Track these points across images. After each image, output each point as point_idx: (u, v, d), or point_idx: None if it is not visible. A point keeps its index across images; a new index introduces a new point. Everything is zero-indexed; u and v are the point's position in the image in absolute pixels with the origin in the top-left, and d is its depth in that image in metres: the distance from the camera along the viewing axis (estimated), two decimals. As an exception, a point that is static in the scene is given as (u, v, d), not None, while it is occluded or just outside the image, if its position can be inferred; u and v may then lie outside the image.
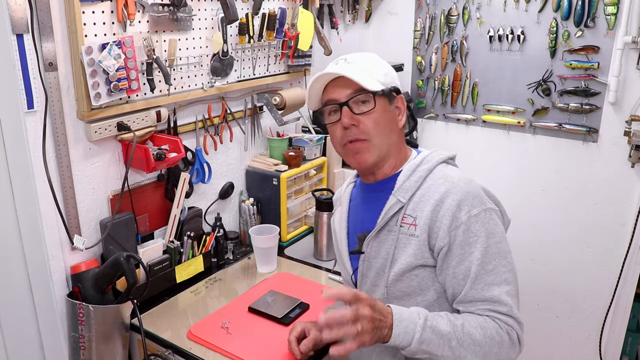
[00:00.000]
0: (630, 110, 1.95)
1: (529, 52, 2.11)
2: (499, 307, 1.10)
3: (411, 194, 1.18)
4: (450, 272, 1.14)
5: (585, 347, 2.27)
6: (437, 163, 1.21)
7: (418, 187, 1.18)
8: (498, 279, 1.11)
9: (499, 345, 1.09)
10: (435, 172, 1.19)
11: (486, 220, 1.13)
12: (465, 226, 1.11)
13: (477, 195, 1.15)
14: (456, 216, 1.12)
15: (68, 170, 1.48)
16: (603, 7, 1.91)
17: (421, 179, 1.19)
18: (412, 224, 1.16)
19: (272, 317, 1.56)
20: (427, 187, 1.17)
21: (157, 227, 1.79)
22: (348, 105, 1.18)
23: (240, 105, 2.03)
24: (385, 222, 1.20)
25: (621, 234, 2.07)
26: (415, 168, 1.21)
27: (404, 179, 1.20)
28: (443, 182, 1.16)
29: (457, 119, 2.35)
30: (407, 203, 1.18)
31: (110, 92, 1.47)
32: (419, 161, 1.22)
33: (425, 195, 1.17)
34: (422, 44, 2.37)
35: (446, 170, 1.20)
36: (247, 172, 2.11)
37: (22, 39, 1.31)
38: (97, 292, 1.46)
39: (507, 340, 1.10)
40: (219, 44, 1.79)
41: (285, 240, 2.08)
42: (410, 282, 1.18)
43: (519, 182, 2.27)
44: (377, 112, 1.18)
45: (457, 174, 1.19)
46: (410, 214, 1.17)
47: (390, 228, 1.20)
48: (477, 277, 1.11)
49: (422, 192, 1.18)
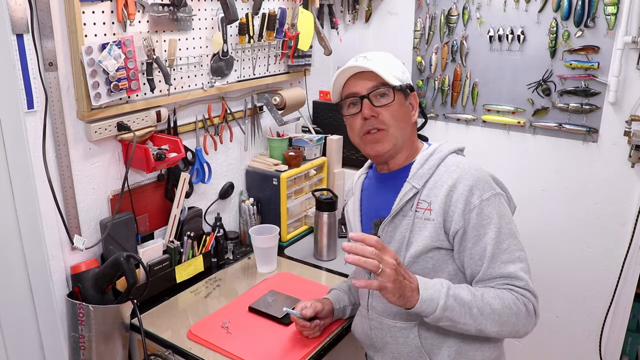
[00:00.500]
0: (630, 110, 1.95)
1: (529, 52, 2.10)
2: (516, 282, 1.18)
3: (425, 180, 1.26)
4: (467, 253, 1.21)
5: (585, 347, 2.27)
6: (449, 153, 1.30)
7: (431, 174, 1.26)
8: (512, 257, 1.19)
9: (516, 315, 1.16)
10: (447, 161, 1.28)
11: (497, 204, 1.21)
12: (479, 209, 1.19)
13: (487, 181, 1.23)
14: (469, 200, 1.20)
15: (68, 170, 1.48)
16: (603, 7, 1.91)
17: (434, 166, 1.27)
18: (427, 208, 1.24)
19: (272, 317, 1.56)
20: (440, 174, 1.25)
21: (157, 227, 1.79)
22: (369, 98, 1.26)
23: (240, 105, 2.03)
24: (401, 208, 1.27)
25: (621, 234, 2.07)
26: (428, 157, 1.29)
27: (418, 167, 1.28)
28: (455, 169, 1.24)
29: (457, 119, 2.35)
30: (421, 189, 1.26)
31: (110, 92, 1.47)
32: (431, 151, 1.31)
33: (438, 182, 1.24)
34: (422, 44, 2.37)
35: (457, 159, 1.29)
36: (247, 172, 2.11)
37: (22, 39, 1.31)
38: (97, 292, 1.46)
39: (524, 311, 1.17)
40: (219, 44, 1.79)
41: (285, 240, 2.08)
42: (426, 264, 1.24)
43: (519, 182, 2.27)
44: (395, 105, 1.27)
45: (467, 162, 1.28)
46: (424, 199, 1.25)
47: (405, 213, 1.27)
48: (493, 256, 1.18)
49: (435, 178, 1.25)
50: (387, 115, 1.26)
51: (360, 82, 1.28)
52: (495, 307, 1.15)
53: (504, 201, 1.25)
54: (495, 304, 1.15)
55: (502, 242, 1.19)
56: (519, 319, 1.17)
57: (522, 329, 1.19)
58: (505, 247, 1.19)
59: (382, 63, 1.28)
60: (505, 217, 1.22)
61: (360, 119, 1.28)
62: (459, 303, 1.13)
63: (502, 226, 1.20)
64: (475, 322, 1.14)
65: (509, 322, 1.16)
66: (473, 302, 1.14)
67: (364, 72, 1.27)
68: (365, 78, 1.27)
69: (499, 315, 1.15)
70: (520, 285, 1.18)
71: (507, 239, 1.20)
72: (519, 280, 1.18)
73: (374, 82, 1.26)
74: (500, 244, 1.19)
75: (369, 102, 1.26)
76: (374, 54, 1.31)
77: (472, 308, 1.14)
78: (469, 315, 1.14)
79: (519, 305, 1.17)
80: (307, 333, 1.46)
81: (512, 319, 1.16)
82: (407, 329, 1.27)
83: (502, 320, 1.15)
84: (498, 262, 1.19)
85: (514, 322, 1.17)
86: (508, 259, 1.19)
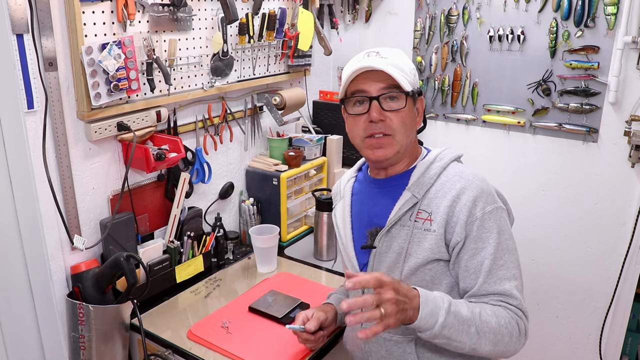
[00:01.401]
0: (630, 110, 1.95)
1: (529, 52, 2.11)
2: (510, 299, 1.14)
3: (426, 189, 1.21)
4: (463, 265, 1.17)
5: (585, 347, 2.27)
6: (450, 161, 1.25)
7: (432, 183, 1.21)
8: (508, 274, 1.15)
9: (510, 335, 1.12)
10: (449, 170, 1.23)
11: (498, 217, 1.18)
12: (480, 222, 1.16)
13: (490, 193, 1.20)
14: (472, 212, 1.16)
15: (68, 170, 1.48)
16: (603, 7, 1.91)
17: (435, 175, 1.22)
18: (428, 219, 1.19)
19: (273, 317, 1.56)
20: (442, 184, 1.21)
21: (157, 227, 1.79)
22: (378, 100, 1.19)
23: (240, 105, 2.03)
24: (399, 217, 1.21)
25: (621, 234, 2.07)
26: (429, 165, 1.24)
27: (419, 175, 1.23)
28: (459, 179, 1.20)
29: (457, 119, 2.35)
30: (422, 199, 1.20)
31: (110, 92, 1.47)
32: (432, 158, 1.26)
33: (440, 192, 1.20)
34: (422, 44, 2.37)
35: (459, 168, 1.24)
36: (247, 172, 2.11)
37: (22, 39, 1.30)
38: (97, 292, 1.46)
39: (517, 330, 1.14)
40: (219, 44, 1.79)
41: (285, 240, 2.08)
42: (424, 276, 1.20)
43: (519, 182, 2.27)
44: (405, 112, 1.21)
45: (470, 171, 1.23)
46: (424, 209, 1.20)
47: (404, 223, 1.21)
48: (490, 271, 1.14)
49: (437, 188, 1.21)
50: (396, 121, 1.19)
51: (371, 81, 1.19)
52: (493, 326, 1.10)
53: (505, 215, 1.21)
54: (492, 322, 1.11)
55: (500, 257, 1.16)
56: (511, 339, 1.13)
57: (512, 348, 1.14)
58: (503, 263, 1.15)
59: (395, 63, 1.19)
60: (505, 233, 1.18)
61: (365, 120, 1.21)
62: (458, 320, 1.08)
63: (501, 242, 1.16)
64: (471, 342, 1.09)
65: (503, 342, 1.12)
66: (472, 321, 1.09)
67: (375, 70, 1.18)
68: (377, 77, 1.19)
69: (494, 334, 1.11)
70: (515, 304, 1.14)
71: (505, 254, 1.16)
72: (513, 298, 1.14)
73: (386, 83, 1.18)
74: (498, 260, 1.15)
75: (378, 104, 1.19)
76: (388, 51, 1.22)
77: (470, 326, 1.09)
78: (465, 334, 1.09)
79: (512, 325, 1.13)
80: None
81: (506, 338, 1.12)
82: (403, 343, 1.22)
83: (496, 339, 1.11)
84: (494, 278, 1.15)
85: (507, 342, 1.12)
86: (504, 275, 1.15)
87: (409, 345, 1.21)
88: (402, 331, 1.22)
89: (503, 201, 1.25)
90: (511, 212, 1.29)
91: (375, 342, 1.27)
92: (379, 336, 1.24)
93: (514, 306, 1.14)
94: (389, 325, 1.00)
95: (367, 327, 1.24)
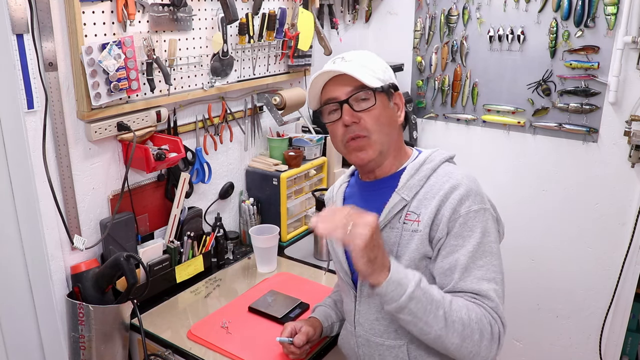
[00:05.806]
0: (630, 110, 1.95)
1: (529, 52, 2.11)
2: (486, 301, 1.10)
3: (415, 192, 1.19)
4: (439, 261, 1.15)
5: (585, 347, 2.27)
6: (441, 162, 1.23)
7: (422, 185, 1.19)
8: (487, 276, 1.12)
9: (480, 333, 1.07)
10: (439, 171, 1.21)
11: (484, 219, 1.15)
12: (463, 219, 1.13)
13: (479, 193, 1.17)
14: (456, 209, 1.13)
15: (68, 170, 1.48)
16: (603, 7, 1.91)
17: (425, 177, 1.20)
18: (416, 220, 1.17)
19: (272, 317, 1.56)
20: (431, 185, 1.19)
21: (157, 227, 1.79)
22: (348, 103, 1.18)
23: (240, 105, 2.03)
24: (389, 220, 1.20)
25: (621, 234, 2.07)
26: (419, 167, 1.22)
27: (408, 177, 1.21)
28: (448, 180, 1.18)
29: (457, 119, 2.35)
30: (411, 201, 1.19)
31: (110, 92, 1.47)
32: (422, 160, 1.23)
33: (429, 193, 1.18)
34: (422, 44, 2.37)
35: (449, 168, 1.22)
36: (247, 172, 2.11)
37: (22, 39, 1.31)
38: (97, 292, 1.46)
39: (489, 332, 1.08)
40: (219, 44, 1.79)
41: (285, 240, 2.08)
42: None
43: (519, 182, 2.28)
44: (378, 109, 1.19)
45: (460, 171, 1.21)
46: (414, 211, 1.18)
47: (393, 225, 1.20)
48: (466, 269, 1.11)
49: (426, 189, 1.19)
50: (370, 121, 1.18)
51: (338, 87, 1.19)
52: (462, 317, 1.06)
53: (492, 219, 1.18)
54: (462, 313, 1.06)
55: (480, 258, 1.11)
56: (482, 338, 1.07)
57: (483, 352, 1.07)
58: (482, 264, 1.11)
59: (360, 64, 1.19)
60: (490, 235, 1.14)
61: (341, 126, 1.20)
62: (427, 298, 1.05)
63: (483, 243, 1.12)
64: (438, 326, 1.05)
65: (472, 339, 1.06)
66: (441, 303, 1.06)
67: (341, 76, 1.18)
68: (344, 82, 1.18)
69: (463, 327, 1.05)
70: (491, 305, 1.09)
71: (486, 256, 1.12)
72: (490, 300, 1.09)
73: (352, 86, 1.18)
74: (477, 260, 1.11)
75: (349, 107, 1.18)
76: (353, 54, 1.22)
77: (438, 309, 1.05)
78: (433, 315, 1.05)
79: (484, 324, 1.07)
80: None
81: (475, 335, 1.06)
82: (395, 347, 1.20)
83: (465, 333, 1.06)
84: (471, 277, 1.10)
85: (477, 340, 1.06)
86: (482, 276, 1.11)
87: (401, 350, 1.20)
88: (394, 335, 1.21)
89: (493, 208, 1.22)
90: (501, 221, 1.25)
91: (367, 346, 1.26)
92: (372, 341, 1.24)
93: (490, 307, 1.09)
94: (356, 246, 1.01)
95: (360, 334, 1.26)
